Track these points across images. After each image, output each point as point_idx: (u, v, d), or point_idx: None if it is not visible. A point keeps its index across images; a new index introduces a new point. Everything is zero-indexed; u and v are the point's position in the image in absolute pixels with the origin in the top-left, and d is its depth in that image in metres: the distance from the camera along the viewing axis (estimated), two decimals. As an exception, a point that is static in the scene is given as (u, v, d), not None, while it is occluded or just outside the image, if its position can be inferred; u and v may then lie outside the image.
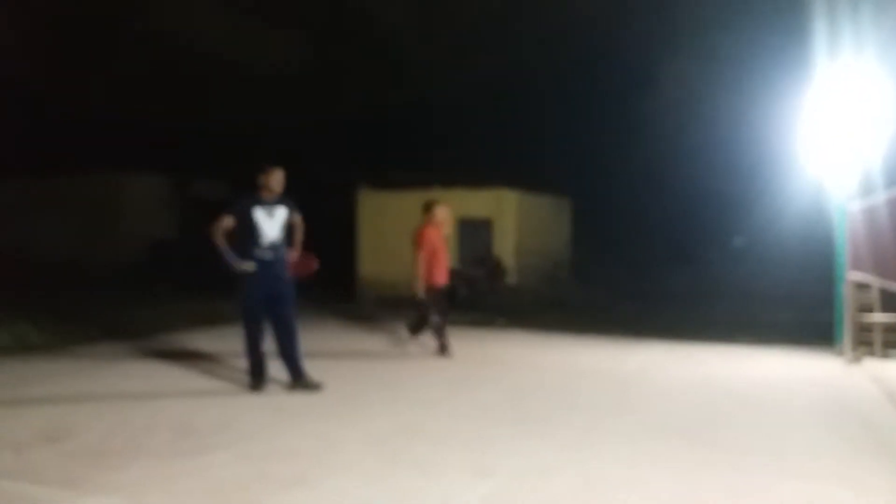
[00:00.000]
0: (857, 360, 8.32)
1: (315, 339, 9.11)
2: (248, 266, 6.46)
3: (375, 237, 16.36)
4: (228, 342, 8.95)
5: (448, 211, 8.87)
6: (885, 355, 8.55)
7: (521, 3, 16.37)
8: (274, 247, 6.59)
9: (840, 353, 8.59)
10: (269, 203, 6.62)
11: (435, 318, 8.60)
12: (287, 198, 6.77)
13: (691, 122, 15.14)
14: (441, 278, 8.55)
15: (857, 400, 6.59)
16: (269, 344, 6.74)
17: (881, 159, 8.18)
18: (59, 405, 5.90)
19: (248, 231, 6.50)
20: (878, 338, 8.64)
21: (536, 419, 5.72)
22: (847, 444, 5.08)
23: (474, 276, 14.51)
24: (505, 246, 15.60)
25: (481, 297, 14.31)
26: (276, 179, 6.65)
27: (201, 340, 9.52)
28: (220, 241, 6.47)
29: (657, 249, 20.30)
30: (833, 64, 8.41)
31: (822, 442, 5.15)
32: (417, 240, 8.52)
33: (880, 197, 7.15)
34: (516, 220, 15.77)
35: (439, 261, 8.52)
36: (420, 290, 8.36)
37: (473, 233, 15.80)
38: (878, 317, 8.68)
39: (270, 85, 17.55)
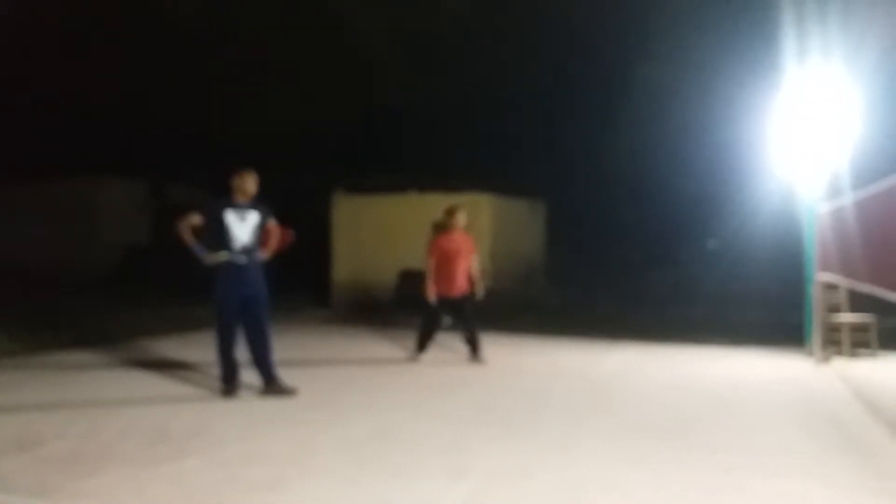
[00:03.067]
0: (826, 359, 8.46)
1: (289, 345, 9.06)
2: (222, 256, 6.43)
3: (351, 242, 16.29)
4: (202, 348, 8.84)
5: (464, 216, 8.60)
6: (852, 355, 8.72)
7: (494, 8, 16.43)
8: (246, 251, 6.55)
9: (810, 353, 8.73)
10: (241, 206, 6.60)
11: (425, 323, 8.54)
12: (261, 203, 6.75)
13: (664, 126, 15.29)
14: (445, 288, 8.36)
15: (826, 399, 6.71)
16: (242, 350, 6.70)
17: (849, 162, 8.34)
18: (30, 412, 5.82)
19: (219, 234, 6.47)
20: (846, 338, 8.79)
21: (513, 421, 5.74)
22: (817, 442, 5.17)
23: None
24: (481, 249, 15.58)
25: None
26: (249, 183, 6.62)
27: (175, 346, 9.42)
28: (187, 236, 6.47)
29: (632, 252, 20.44)
30: (801, 68, 8.56)
31: (793, 439, 5.24)
32: (427, 247, 8.48)
33: (848, 199, 7.28)
34: (491, 223, 15.80)
35: (447, 270, 8.35)
36: (431, 296, 8.31)
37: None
38: (846, 317, 8.85)
39: (245, 89, 17.44)
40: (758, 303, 13.92)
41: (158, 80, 17.55)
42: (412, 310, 14.10)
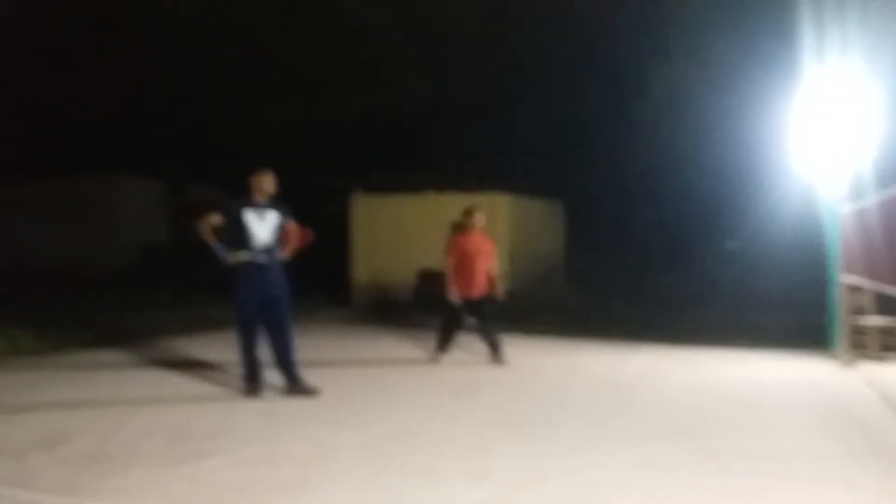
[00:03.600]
0: (851, 363, 8.35)
1: (309, 345, 9.01)
2: (242, 255, 6.48)
3: (369, 242, 16.34)
4: (224, 347, 8.91)
5: (483, 217, 8.60)
6: (879, 358, 8.59)
7: (512, 7, 16.38)
8: (266, 250, 6.60)
9: (834, 357, 8.62)
10: (260, 206, 6.65)
11: (445, 323, 8.54)
12: (280, 203, 6.80)
13: (682, 126, 15.18)
14: (464, 289, 8.33)
15: (852, 403, 6.61)
16: (265, 350, 6.74)
17: (871, 161, 8.24)
18: (54, 411, 5.89)
19: (238, 233, 6.53)
20: (872, 341, 8.67)
21: (533, 423, 5.72)
22: (842, 447, 5.09)
23: None
24: (499, 250, 15.57)
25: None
26: (267, 182, 6.68)
27: (196, 346, 9.50)
28: (208, 235, 6.52)
29: (651, 252, 20.32)
30: (822, 66, 8.46)
31: (818, 444, 5.15)
32: (445, 248, 8.49)
33: (871, 199, 7.19)
34: (509, 224, 15.77)
35: (466, 271, 8.34)
36: (454, 296, 8.31)
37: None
38: (873, 320, 8.72)
39: (263, 89, 17.53)
40: (779, 305, 13.77)
41: (177, 79, 17.68)
42: (431, 310, 14.17)
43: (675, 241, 19.75)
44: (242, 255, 6.50)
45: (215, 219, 6.58)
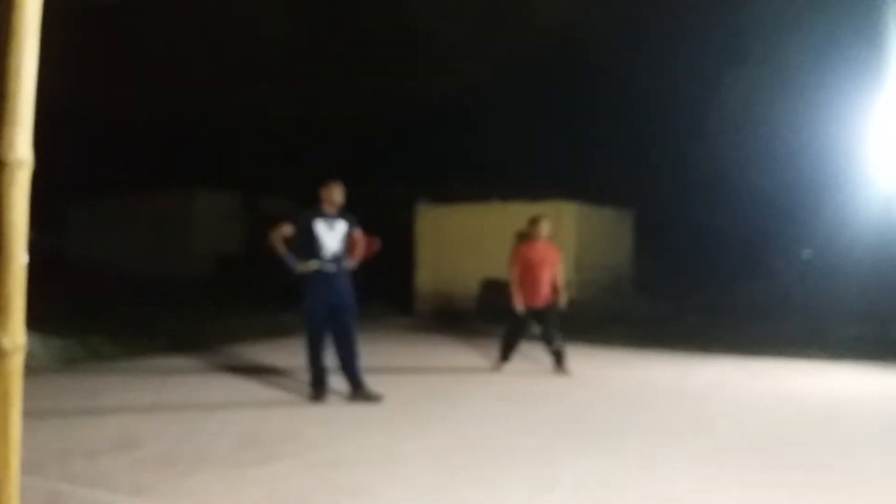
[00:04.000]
0: (937, 376, 7.98)
1: (374, 352, 9.11)
2: (312, 265, 6.60)
3: (434, 251, 16.44)
4: (292, 354, 9.06)
5: (548, 226, 8.55)
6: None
7: (582, 13, 16.28)
8: (335, 259, 6.72)
9: (919, 370, 8.26)
10: (330, 216, 6.79)
11: (509, 333, 8.51)
12: (348, 212, 6.93)
13: (757, 131, 14.78)
14: (528, 298, 8.25)
15: (936, 419, 6.34)
16: (331, 356, 6.83)
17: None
18: (129, 414, 6.07)
19: (309, 243, 6.66)
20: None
21: (600, 434, 5.64)
22: (926, 465, 4.86)
23: None
24: (565, 259, 15.46)
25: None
26: (337, 193, 6.81)
27: (266, 352, 9.70)
28: (279, 246, 6.66)
29: (723, 262, 19.83)
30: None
31: (900, 462, 4.94)
32: (510, 256, 8.48)
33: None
34: (576, 232, 15.63)
35: (531, 279, 8.27)
36: (518, 305, 8.27)
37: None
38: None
39: (335, 103, 17.88)
40: (858, 316, 13.26)
41: (251, 95, 18.21)
42: (495, 319, 14.15)
43: (748, 250, 19.23)
44: (312, 265, 6.62)
45: (286, 229, 6.72)
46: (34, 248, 1.47)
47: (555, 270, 8.52)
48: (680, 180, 17.19)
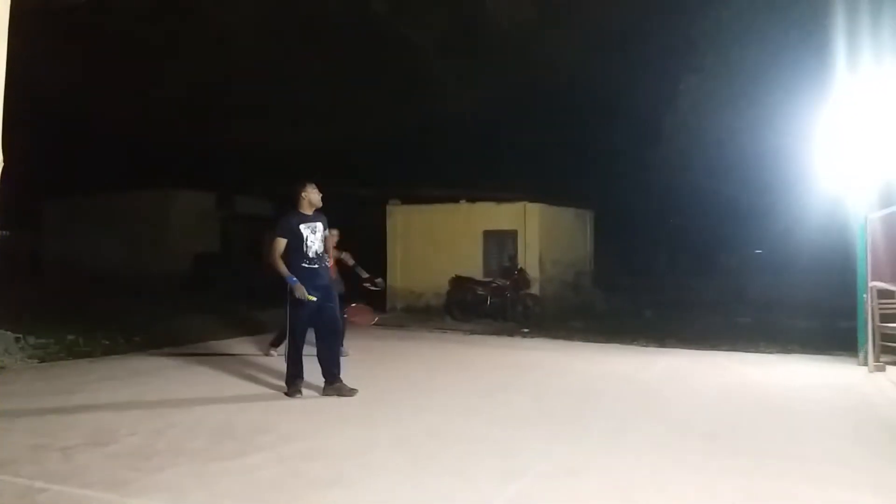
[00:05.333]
0: (880, 368, 8.35)
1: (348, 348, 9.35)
2: (312, 297, 6.61)
3: (404, 250, 16.67)
4: (266, 349, 9.23)
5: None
6: (908, 363, 8.58)
7: (542, 21, 16.52)
8: (319, 258, 6.82)
9: (863, 362, 8.62)
10: (310, 218, 6.87)
11: None
12: (321, 214, 7.02)
13: (710, 135, 15.17)
14: None
15: (880, 407, 6.65)
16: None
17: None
18: (104, 411, 6.07)
19: (296, 246, 6.73)
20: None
21: (563, 423, 5.84)
22: (870, 451, 5.12)
23: (500, 286, 14.72)
24: (529, 256, 15.78)
25: (507, 307, 14.52)
26: (314, 194, 6.91)
27: (242, 348, 9.84)
28: (280, 266, 6.68)
29: (678, 259, 20.34)
30: (852, 74, 8.49)
31: (846, 448, 5.18)
32: None
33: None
34: (540, 231, 15.94)
35: None
36: None
37: (499, 244, 16.06)
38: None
39: (303, 106, 17.89)
40: (807, 310, 13.74)
41: (225, 98, 18.18)
42: (463, 315, 14.40)
43: (702, 248, 19.75)
44: (309, 297, 6.62)
45: (281, 245, 6.73)
46: (10, 247, 1.53)
47: None
48: (637, 182, 17.58)
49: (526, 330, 12.52)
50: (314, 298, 6.63)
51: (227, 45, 16.42)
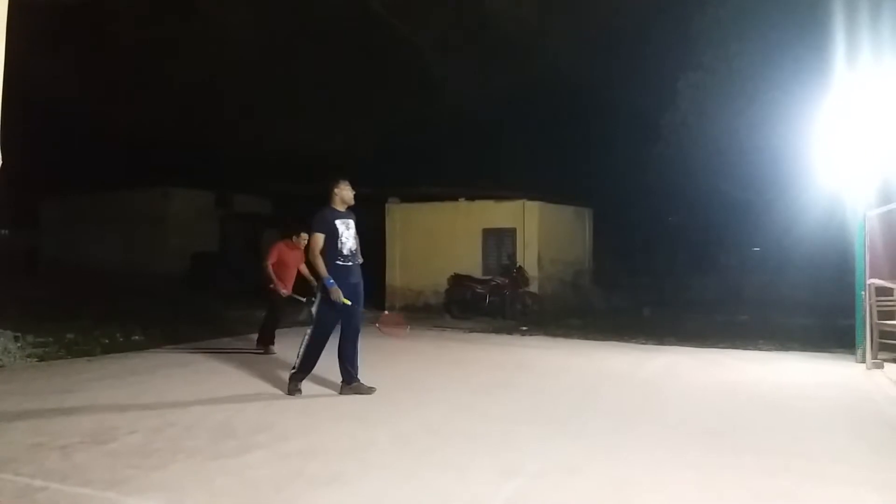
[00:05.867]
0: (878, 365, 8.37)
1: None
2: (347, 301, 6.48)
3: (403, 249, 16.68)
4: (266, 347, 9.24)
5: None
6: (905, 361, 8.59)
7: (540, 19, 16.56)
8: (353, 255, 6.72)
9: (861, 359, 8.64)
10: (344, 214, 6.76)
11: None
12: (352, 212, 6.90)
13: (709, 134, 15.21)
14: None
15: (879, 403, 6.66)
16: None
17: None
18: (103, 410, 6.08)
19: (330, 242, 6.59)
20: (899, 343, 8.67)
21: (561, 421, 5.84)
22: (869, 447, 5.13)
23: (499, 285, 14.73)
24: (528, 255, 15.80)
25: (506, 305, 14.54)
26: (349, 192, 6.81)
27: (240, 347, 9.87)
28: (321, 265, 6.52)
29: (677, 257, 20.36)
30: (851, 72, 8.50)
31: (845, 445, 5.19)
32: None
33: (898, 204, 7.23)
34: (539, 229, 15.95)
35: None
36: None
37: (498, 242, 16.08)
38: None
39: (305, 103, 17.93)
40: (806, 308, 13.77)
41: (222, 98, 18.21)
42: (461, 313, 14.42)
43: (701, 246, 19.77)
44: (346, 300, 6.50)
45: (321, 241, 6.55)
46: (9, 245, 1.54)
47: None
48: (636, 180, 17.60)
49: (525, 328, 12.53)
50: (349, 302, 6.50)
51: (225, 44, 16.47)
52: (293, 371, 6.79)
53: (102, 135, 19.39)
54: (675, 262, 20.08)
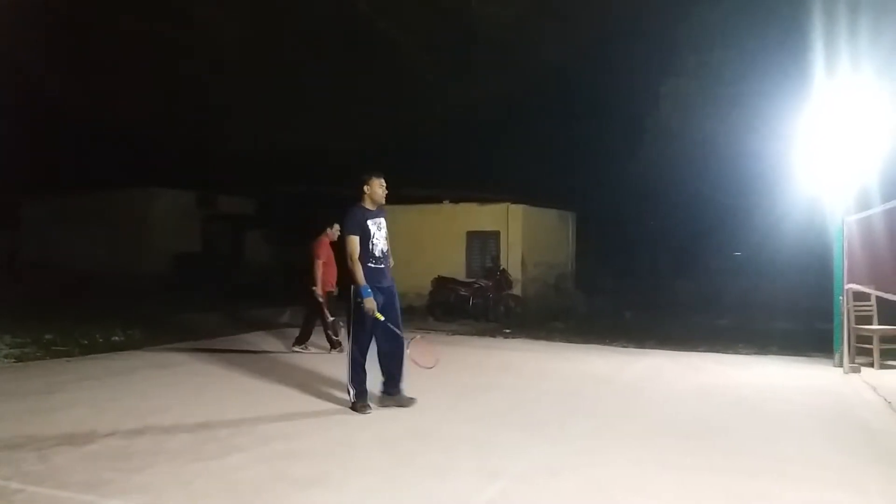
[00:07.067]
0: (855, 369, 8.46)
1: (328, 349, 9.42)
2: (380, 316, 6.07)
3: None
4: (249, 349, 9.23)
5: None
6: (883, 365, 8.69)
7: (525, 23, 16.62)
8: (384, 256, 6.37)
9: (839, 363, 8.72)
10: (375, 213, 6.40)
11: None
12: (384, 210, 6.57)
13: (692, 139, 15.34)
14: None
15: (855, 407, 6.72)
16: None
17: (878, 172, 8.37)
18: (83, 411, 6.03)
19: (364, 244, 6.21)
20: (876, 348, 8.77)
21: (543, 424, 5.86)
22: (845, 450, 5.17)
23: (483, 287, 14.75)
24: (512, 257, 15.84)
25: (489, 307, 14.57)
26: (380, 190, 6.44)
27: (222, 347, 9.82)
28: (358, 270, 6.08)
29: (659, 261, 20.52)
30: (831, 79, 8.60)
31: (822, 448, 5.24)
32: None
33: (877, 209, 7.32)
34: (522, 232, 16.00)
35: None
36: None
37: (482, 245, 16.10)
38: (878, 328, 8.83)
39: (290, 105, 17.87)
40: (785, 312, 13.90)
41: (206, 97, 18.13)
42: (445, 315, 14.43)
43: (682, 251, 19.93)
44: (378, 315, 6.06)
45: (356, 244, 6.14)
46: None
47: None
48: (619, 184, 17.70)
49: (508, 330, 12.57)
50: (382, 318, 6.05)
51: (210, 43, 16.38)
52: (353, 402, 6.21)
53: (85, 134, 19.22)
54: (657, 265, 20.25)
